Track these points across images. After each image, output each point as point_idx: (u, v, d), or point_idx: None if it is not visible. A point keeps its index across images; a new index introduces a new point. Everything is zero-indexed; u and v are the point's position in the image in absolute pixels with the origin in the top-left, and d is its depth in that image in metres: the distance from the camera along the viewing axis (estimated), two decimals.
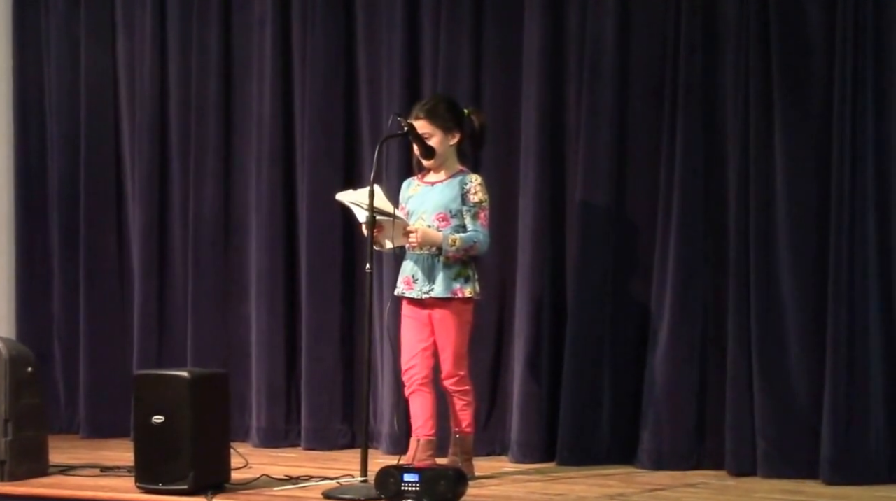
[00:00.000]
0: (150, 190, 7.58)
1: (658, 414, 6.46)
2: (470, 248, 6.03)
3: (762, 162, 6.28)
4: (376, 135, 6.84)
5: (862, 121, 6.12)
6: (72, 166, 7.76)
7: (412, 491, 5.26)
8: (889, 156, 6.15)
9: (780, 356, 6.24)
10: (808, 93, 6.25)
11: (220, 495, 5.57)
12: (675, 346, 6.46)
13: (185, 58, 7.53)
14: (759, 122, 6.29)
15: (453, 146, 6.15)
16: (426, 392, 6.06)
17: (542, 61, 6.73)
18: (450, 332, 6.05)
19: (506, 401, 6.85)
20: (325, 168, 7.17)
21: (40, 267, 7.87)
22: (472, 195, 6.08)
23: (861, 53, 6.11)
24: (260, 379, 7.28)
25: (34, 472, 6.06)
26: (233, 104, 7.48)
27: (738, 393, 6.29)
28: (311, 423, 7.16)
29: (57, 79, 7.81)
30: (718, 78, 6.47)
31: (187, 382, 5.65)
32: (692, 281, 6.47)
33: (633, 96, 6.66)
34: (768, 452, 6.20)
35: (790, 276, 6.25)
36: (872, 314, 6.12)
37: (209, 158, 7.47)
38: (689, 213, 6.46)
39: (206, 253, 7.46)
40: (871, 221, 6.14)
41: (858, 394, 6.07)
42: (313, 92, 7.20)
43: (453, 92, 6.70)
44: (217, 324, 7.45)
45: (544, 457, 6.65)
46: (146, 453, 5.67)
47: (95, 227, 7.69)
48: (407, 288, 6.11)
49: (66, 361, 7.78)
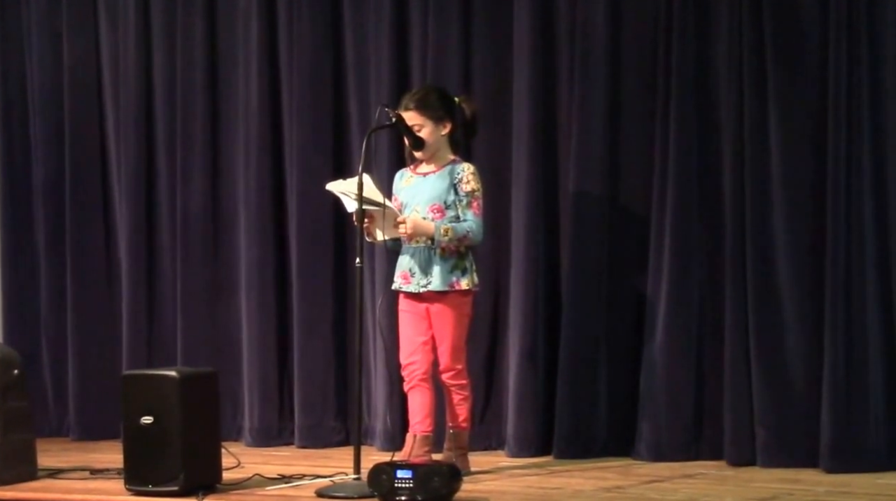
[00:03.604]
0: (137, 185, 7.51)
1: (656, 406, 6.41)
2: (463, 238, 5.97)
3: (757, 148, 6.24)
4: (365, 125, 6.77)
5: (857, 105, 6.07)
6: (56, 162, 7.69)
7: (405, 488, 5.21)
8: (886, 139, 6.11)
9: (778, 344, 6.20)
10: (803, 77, 6.21)
11: (212, 495, 5.52)
12: (671, 336, 6.42)
13: (170, 50, 7.47)
14: (753, 108, 6.24)
15: (445, 136, 6.08)
16: (426, 387, 6.01)
17: (532, 48, 6.67)
18: (447, 325, 5.99)
19: (502, 395, 6.80)
20: (314, 159, 7.11)
21: (26, 267, 7.79)
22: (464, 184, 6.01)
23: (855, 34, 6.07)
24: (252, 377, 7.23)
25: (23, 476, 5.98)
26: (219, 96, 7.41)
27: (736, 383, 6.25)
28: (305, 421, 7.11)
29: (39, 73, 7.73)
30: (712, 63, 6.42)
31: (176, 382, 5.57)
32: (688, 271, 6.43)
33: (626, 82, 6.61)
34: (767, 441, 6.16)
35: (787, 264, 6.21)
36: (870, 300, 6.08)
37: (196, 152, 7.40)
38: (683, 201, 6.42)
39: (195, 249, 7.39)
40: (868, 206, 6.10)
41: (857, 382, 6.04)
42: (300, 82, 7.14)
43: (443, 80, 6.65)
44: (207, 322, 7.38)
45: (541, 451, 6.60)
46: (135, 454, 5.60)
47: (82, 225, 7.63)
48: (404, 283, 6.05)
49: (54, 363, 7.71)
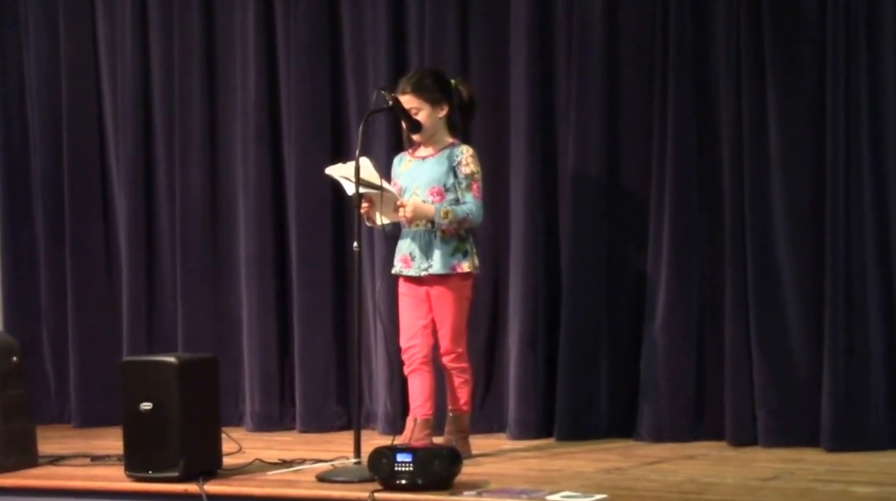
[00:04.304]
0: (136, 175, 7.51)
1: (657, 388, 6.41)
2: (463, 221, 5.96)
3: (756, 131, 6.22)
4: (363, 111, 6.70)
5: (856, 89, 6.06)
6: (55, 153, 7.68)
7: (406, 472, 5.19)
8: (885, 123, 6.10)
9: (779, 325, 6.20)
10: (802, 61, 6.19)
11: (212, 481, 5.51)
12: (672, 318, 6.41)
13: (168, 40, 7.45)
14: (752, 90, 6.23)
15: (442, 119, 6.07)
16: (426, 371, 6.00)
17: (529, 33, 6.65)
18: (448, 308, 5.98)
19: (502, 378, 6.79)
20: (312, 146, 7.10)
21: (26, 256, 7.79)
22: (463, 167, 6.00)
23: (854, 19, 6.05)
24: (252, 364, 7.22)
25: (23, 463, 5.98)
26: (217, 84, 7.40)
27: (736, 364, 6.24)
28: (306, 406, 7.10)
29: (37, 65, 7.73)
30: (710, 47, 6.41)
31: (175, 368, 5.56)
32: (688, 253, 6.42)
33: (624, 66, 6.60)
34: (768, 422, 6.15)
35: (787, 245, 6.20)
36: (871, 281, 6.07)
37: (194, 141, 7.39)
38: (683, 185, 6.41)
39: (195, 237, 7.39)
40: (868, 188, 6.09)
41: (858, 362, 6.03)
42: (298, 70, 7.13)
43: (440, 65, 6.62)
44: (207, 309, 7.38)
45: (543, 434, 6.60)
46: (135, 441, 5.59)
47: (81, 214, 7.62)
48: (405, 267, 6.04)
49: (55, 350, 7.72)
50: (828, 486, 5.18)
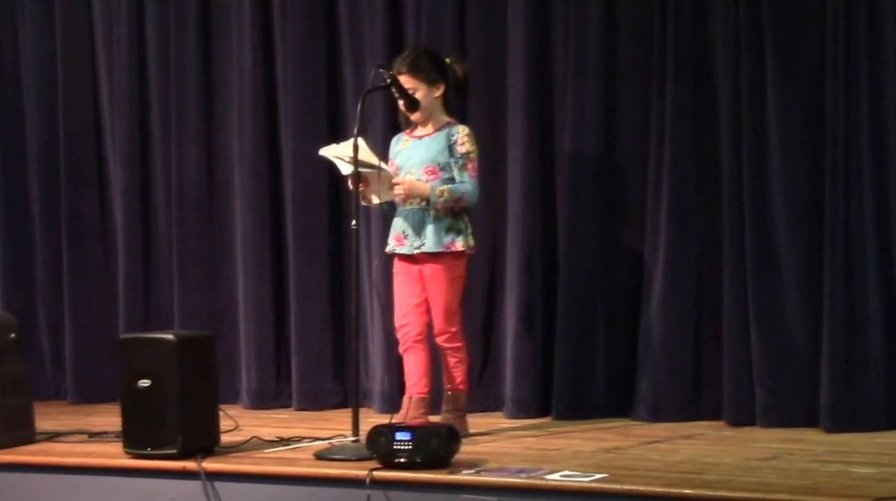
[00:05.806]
0: (132, 151, 7.49)
1: (654, 366, 6.40)
2: (459, 200, 5.93)
3: (754, 108, 6.20)
4: (360, 88, 6.73)
5: (855, 64, 6.03)
6: (50, 129, 7.67)
7: (404, 450, 5.18)
8: (883, 98, 6.07)
9: (777, 304, 6.18)
10: (801, 37, 6.17)
11: (210, 458, 5.50)
12: (670, 297, 6.40)
13: (163, 14, 7.43)
14: (750, 65, 6.20)
15: (438, 98, 6.04)
16: (420, 349, 5.99)
17: (527, 8, 6.61)
18: (440, 288, 5.96)
19: (499, 357, 6.79)
20: (308, 123, 7.08)
21: (22, 233, 7.78)
22: (459, 146, 5.98)
23: None
24: (249, 341, 7.22)
25: (21, 440, 5.98)
26: (212, 60, 7.39)
27: (735, 343, 6.23)
28: (302, 383, 7.10)
29: (32, 40, 7.71)
30: (709, 23, 6.37)
31: (173, 345, 5.56)
32: (685, 231, 6.41)
33: (622, 43, 6.57)
34: (767, 401, 6.14)
35: (785, 223, 6.18)
36: (870, 259, 6.06)
37: (190, 117, 7.38)
38: (680, 162, 6.39)
39: (191, 213, 7.38)
40: (867, 165, 6.06)
41: (857, 341, 6.01)
42: (295, 46, 7.11)
43: (437, 43, 6.60)
44: (204, 286, 7.38)
45: (540, 413, 6.59)
46: (133, 418, 5.59)
47: (76, 190, 7.62)
48: (398, 245, 6.02)
49: (52, 327, 7.72)
50: (827, 466, 5.18)
